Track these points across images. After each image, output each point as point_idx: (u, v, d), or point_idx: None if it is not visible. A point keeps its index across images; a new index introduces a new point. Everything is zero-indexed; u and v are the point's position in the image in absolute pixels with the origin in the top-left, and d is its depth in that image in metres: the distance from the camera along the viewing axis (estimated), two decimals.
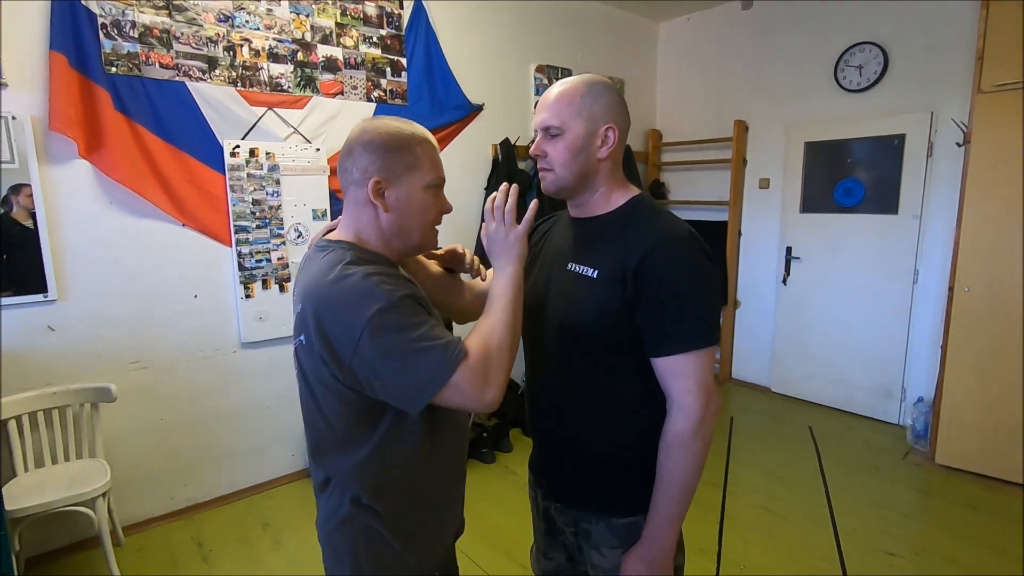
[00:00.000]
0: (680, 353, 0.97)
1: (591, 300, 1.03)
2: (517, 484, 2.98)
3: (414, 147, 0.98)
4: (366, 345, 0.85)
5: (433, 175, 1.00)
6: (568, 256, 1.11)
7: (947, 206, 3.28)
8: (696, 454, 0.98)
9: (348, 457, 0.98)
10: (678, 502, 1.00)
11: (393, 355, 0.86)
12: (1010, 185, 2.77)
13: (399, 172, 0.97)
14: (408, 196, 0.98)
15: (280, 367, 2.91)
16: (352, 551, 1.01)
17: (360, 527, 1.00)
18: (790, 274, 4.06)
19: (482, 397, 0.88)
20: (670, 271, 0.97)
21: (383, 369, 0.87)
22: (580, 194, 1.09)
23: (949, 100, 3.26)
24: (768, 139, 4.11)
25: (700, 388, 0.97)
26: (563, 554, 1.24)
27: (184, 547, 2.45)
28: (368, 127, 0.99)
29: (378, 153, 0.96)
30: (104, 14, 2.27)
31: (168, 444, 2.63)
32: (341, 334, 0.87)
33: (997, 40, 2.74)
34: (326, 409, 0.97)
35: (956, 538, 2.47)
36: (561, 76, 3.98)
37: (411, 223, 1.00)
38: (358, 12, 2.98)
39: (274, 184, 2.76)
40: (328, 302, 0.89)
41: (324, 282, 0.90)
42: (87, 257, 2.35)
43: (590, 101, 1.03)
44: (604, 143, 1.04)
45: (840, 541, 2.43)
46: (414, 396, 0.88)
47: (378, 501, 0.99)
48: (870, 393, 3.72)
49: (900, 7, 3.40)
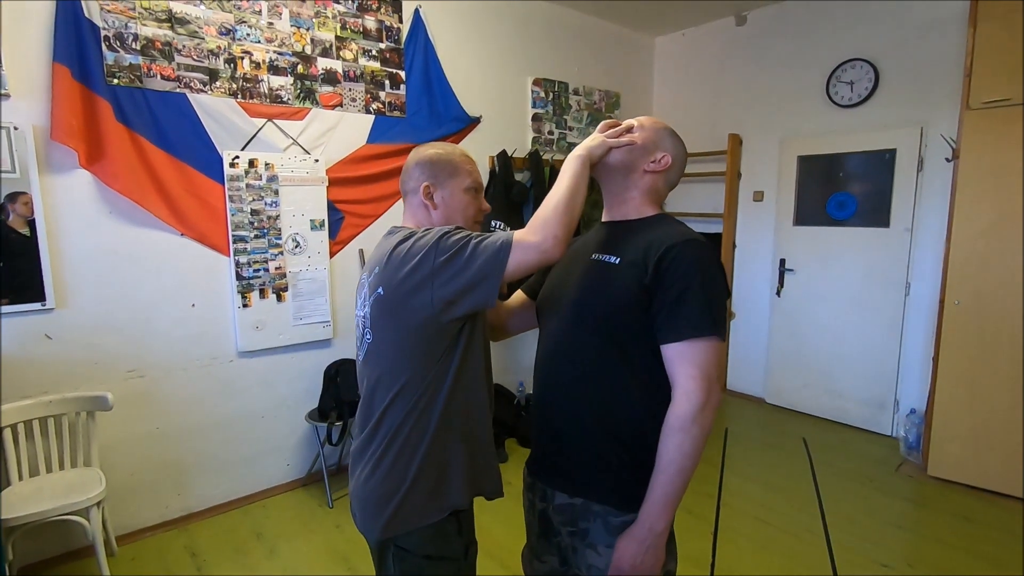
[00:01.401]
0: (687, 340, 1.03)
1: (610, 283, 1.11)
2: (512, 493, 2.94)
3: (454, 159, 1.24)
4: (441, 252, 1.06)
5: (471, 180, 1.25)
6: (593, 248, 1.20)
7: (937, 219, 3.33)
8: (695, 439, 1.02)
9: (415, 386, 1.13)
10: (674, 484, 1.03)
11: (463, 251, 1.05)
12: (998, 200, 2.82)
13: (443, 178, 1.23)
14: (451, 196, 1.23)
15: (276, 376, 2.92)
16: (404, 494, 1.14)
17: (415, 461, 1.14)
18: (784, 286, 4.09)
19: (541, 244, 1.03)
20: (688, 265, 1.05)
21: (457, 270, 1.05)
22: (615, 180, 1.20)
23: (938, 116, 3.32)
24: (762, 153, 4.17)
25: (703, 375, 1.02)
26: (556, 557, 1.26)
27: (178, 557, 2.44)
28: (419, 150, 1.27)
29: (426, 165, 1.23)
30: (107, 27, 2.30)
31: (163, 453, 2.63)
32: (421, 268, 1.07)
33: (984, 59, 2.80)
34: (409, 346, 1.13)
35: (949, 549, 2.49)
36: (558, 89, 4.05)
37: (455, 218, 1.24)
38: (358, 26, 3.02)
39: (272, 194, 2.79)
40: (403, 256, 1.10)
41: (390, 247, 1.14)
42: (86, 266, 2.37)
43: (666, 134, 1.20)
44: (655, 162, 1.18)
45: (833, 552, 2.44)
46: (489, 276, 1.04)
47: (441, 424, 1.15)
48: (863, 405, 3.75)
49: (890, 25, 3.47)
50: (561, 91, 4.07)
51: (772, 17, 4.03)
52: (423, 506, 1.15)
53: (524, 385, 3.92)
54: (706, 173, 4.41)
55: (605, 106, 4.40)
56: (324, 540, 2.56)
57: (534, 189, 3.68)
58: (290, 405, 2.97)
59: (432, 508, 1.15)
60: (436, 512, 1.15)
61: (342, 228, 3.08)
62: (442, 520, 1.16)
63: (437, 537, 1.16)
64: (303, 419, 2.99)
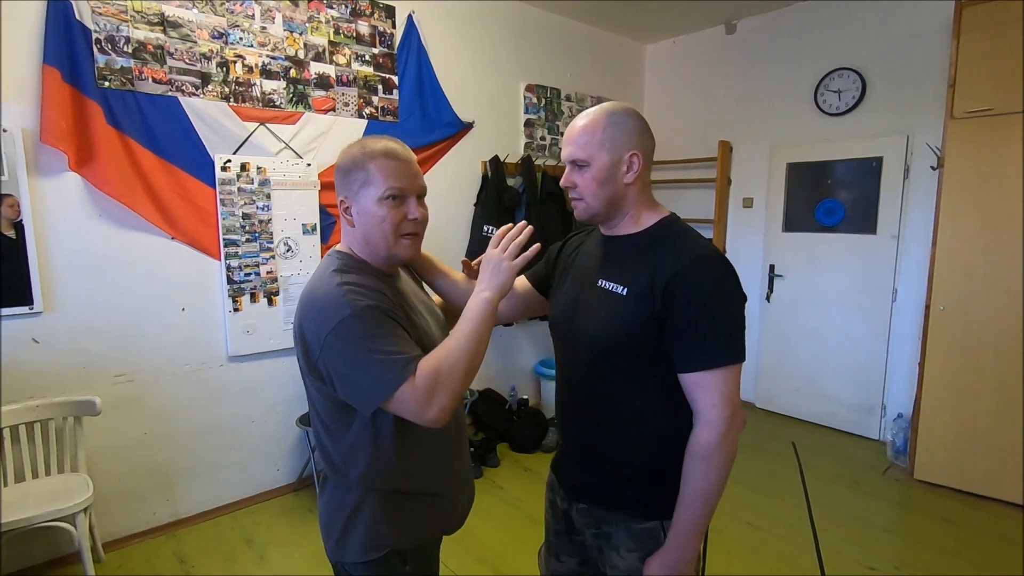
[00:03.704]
0: (706, 369, 1.00)
1: (620, 316, 1.07)
2: (504, 499, 2.99)
3: (367, 164, 1.06)
4: (329, 347, 0.97)
5: (386, 186, 1.05)
6: (598, 273, 1.15)
7: (923, 227, 3.38)
8: (720, 467, 1.01)
9: (337, 445, 1.09)
10: (701, 512, 1.04)
11: (349, 360, 0.96)
12: (982, 208, 2.87)
13: (356, 189, 1.07)
14: (365, 210, 1.07)
15: (267, 381, 2.90)
16: (343, 527, 1.11)
17: (348, 504, 1.11)
18: (773, 291, 4.13)
19: (424, 415, 0.95)
20: (696, 290, 1.01)
21: (341, 371, 0.98)
22: (611, 219, 1.14)
23: (924, 125, 3.37)
24: (752, 159, 4.21)
25: (725, 403, 1.00)
26: (576, 557, 1.27)
27: (166, 564, 2.42)
28: (340, 153, 1.11)
29: (339, 176, 1.09)
30: (99, 29, 2.29)
31: (152, 458, 2.61)
32: (312, 334, 0.99)
33: (968, 69, 2.86)
34: (315, 400, 1.09)
35: (935, 552, 2.52)
36: (550, 95, 4.07)
37: (373, 234, 1.08)
38: (351, 31, 3.03)
39: (264, 198, 2.78)
40: (308, 304, 1.03)
41: (311, 285, 1.06)
42: (74, 269, 2.35)
43: (612, 131, 1.07)
44: (630, 169, 1.09)
45: (822, 555, 2.47)
46: (363, 400, 0.98)
47: (362, 484, 1.10)
48: (852, 409, 3.79)
49: (877, 35, 3.53)
50: (553, 97, 4.09)
51: (761, 26, 4.08)
52: (362, 539, 1.10)
53: (516, 390, 3.93)
54: (696, 179, 4.45)
55: None
56: (314, 546, 2.54)
57: (526, 194, 3.69)
58: (280, 410, 2.95)
59: (369, 545, 1.10)
60: (373, 550, 1.10)
61: (334, 232, 3.07)
62: (380, 558, 1.10)
63: (380, 572, 1.11)
64: (294, 424, 2.97)
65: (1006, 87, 2.75)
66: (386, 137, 1.11)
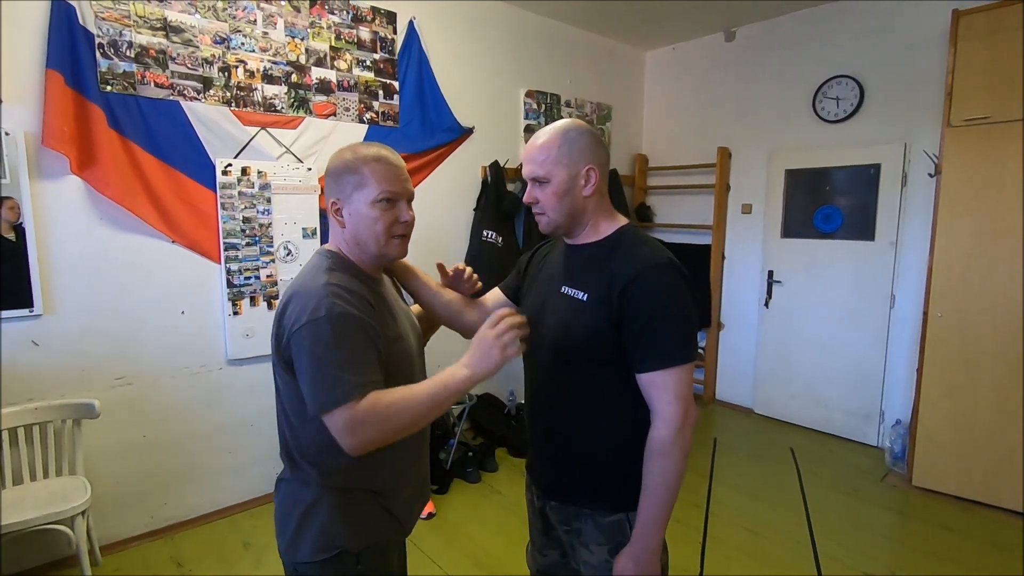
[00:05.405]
0: (660, 369, 1.07)
1: (581, 321, 1.14)
2: (502, 504, 2.98)
3: (361, 168, 1.11)
4: (296, 339, 1.02)
5: (379, 190, 1.10)
6: (562, 280, 1.22)
7: (921, 233, 3.39)
8: (677, 460, 1.08)
9: (298, 439, 1.14)
10: (662, 504, 1.09)
11: (310, 359, 1.00)
12: (979, 215, 2.88)
13: (349, 191, 1.11)
14: (357, 212, 1.11)
15: (266, 384, 2.90)
16: (296, 526, 1.13)
17: (302, 501, 1.13)
18: (772, 297, 4.14)
19: (345, 439, 0.98)
20: (650, 296, 1.07)
21: (300, 364, 1.02)
22: (573, 229, 1.21)
23: (921, 132, 3.39)
24: (750, 166, 4.23)
25: (679, 400, 1.07)
26: (557, 551, 1.32)
27: (163, 567, 2.42)
28: (332, 156, 1.16)
29: (332, 178, 1.13)
30: (102, 34, 2.31)
31: (150, 461, 2.61)
32: (287, 322, 1.04)
33: (965, 78, 2.88)
34: (282, 393, 1.13)
35: (933, 559, 2.52)
36: (550, 101, 4.09)
37: (364, 235, 1.12)
38: (352, 36, 3.05)
39: (265, 202, 2.79)
40: (292, 295, 1.07)
41: (298, 279, 1.12)
42: (75, 272, 2.35)
43: (567, 148, 1.13)
44: (587, 182, 1.15)
45: (820, 562, 2.46)
46: (309, 401, 1.01)
47: (320, 481, 1.13)
48: (850, 415, 3.79)
49: (875, 43, 3.55)
50: (553, 103, 4.11)
51: (760, 34, 4.11)
52: (314, 539, 1.11)
53: (515, 394, 3.93)
54: (696, 185, 4.47)
55: (597, 118, 4.45)
56: None
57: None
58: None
59: (321, 545, 1.11)
60: (324, 551, 1.11)
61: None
62: (331, 558, 1.11)
63: (332, 573, 1.12)
64: None
65: (1003, 95, 2.77)
66: (376, 143, 1.17)
